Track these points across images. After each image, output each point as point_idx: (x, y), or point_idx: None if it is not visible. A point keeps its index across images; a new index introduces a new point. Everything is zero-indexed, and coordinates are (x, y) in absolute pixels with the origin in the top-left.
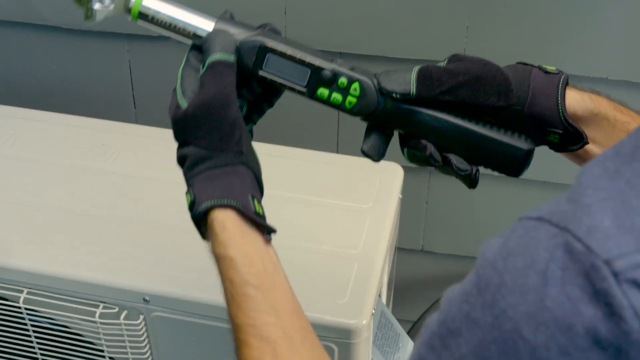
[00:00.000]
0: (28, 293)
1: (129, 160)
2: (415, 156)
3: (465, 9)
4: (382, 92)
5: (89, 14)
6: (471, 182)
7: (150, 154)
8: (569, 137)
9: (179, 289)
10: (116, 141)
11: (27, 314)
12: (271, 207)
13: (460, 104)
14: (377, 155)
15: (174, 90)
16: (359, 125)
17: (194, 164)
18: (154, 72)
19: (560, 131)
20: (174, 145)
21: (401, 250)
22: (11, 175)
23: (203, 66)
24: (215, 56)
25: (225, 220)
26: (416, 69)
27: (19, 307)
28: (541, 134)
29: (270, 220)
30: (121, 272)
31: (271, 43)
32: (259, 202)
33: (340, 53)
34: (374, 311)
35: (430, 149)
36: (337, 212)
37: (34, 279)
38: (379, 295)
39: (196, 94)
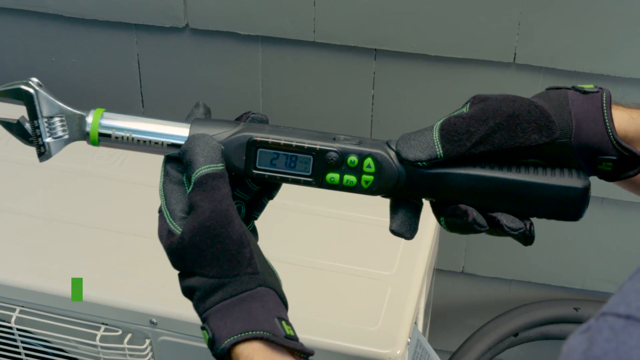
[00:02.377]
0: (20, 312)
1: (136, 166)
2: (455, 225)
3: (517, 2)
4: (403, 162)
5: (43, 149)
6: (527, 239)
7: (159, 159)
8: (623, 163)
9: (190, 310)
10: None
11: (20, 335)
12: (299, 221)
13: (496, 153)
14: (409, 232)
15: (160, 211)
16: (393, 118)
17: (205, 297)
18: (165, 67)
19: (614, 157)
20: None
21: (440, 272)
22: (4, 180)
23: (189, 183)
24: (201, 170)
25: (253, 354)
26: (437, 126)
27: (11, 328)
28: (591, 164)
29: (297, 237)
30: (126, 290)
31: (260, 135)
32: (287, 322)
33: (375, 50)
34: (409, 340)
35: (472, 213)
36: (369, 229)
37: (27, 296)
38: (415, 322)
39: (190, 217)
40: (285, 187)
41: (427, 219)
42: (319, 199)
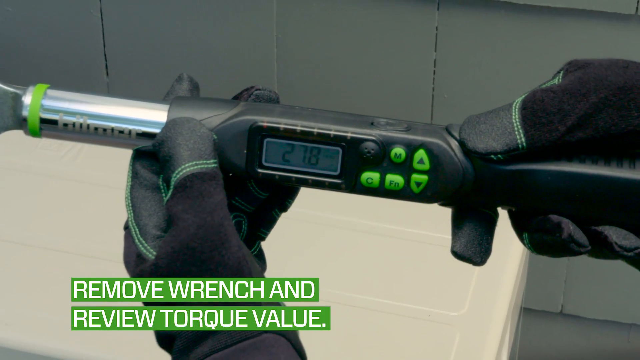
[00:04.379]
0: None
1: (97, 160)
2: (544, 243)
3: None
4: (469, 155)
5: None
6: None
7: (127, 153)
8: None
9: None
10: None
11: None
12: (326, 240)
13: (600, 141)
14: (479, 254)
15: (126, 227)
16: (462, 93)
17: (188, 347)
18: (138, 21)
19: None
20: None
21: (530, 313)
22: None
23: (167, 187)
24: (185, 169)
25: None
26: (517, 103)
27: None
28: None
29: (324, 263)
30: (86, 337)
31: (267, 120)
32: None
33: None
34: None
35: (568, 227)
36: (428, 252)
37: None
38: None
39: (168, 235)
40: (304, 192)
41: (511, 237)
42: (353, 208)
